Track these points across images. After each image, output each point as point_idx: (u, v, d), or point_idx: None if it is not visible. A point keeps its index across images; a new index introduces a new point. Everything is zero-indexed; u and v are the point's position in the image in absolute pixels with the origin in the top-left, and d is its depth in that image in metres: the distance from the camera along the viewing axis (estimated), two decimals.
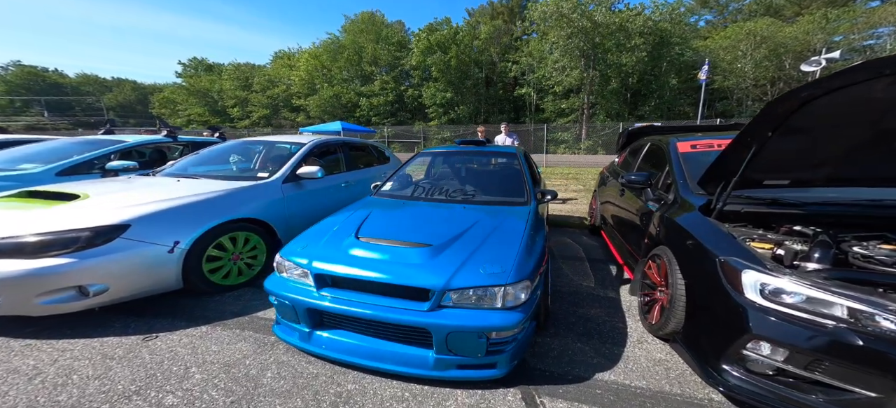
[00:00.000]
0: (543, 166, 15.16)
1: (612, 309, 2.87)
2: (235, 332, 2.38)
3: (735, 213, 2.43)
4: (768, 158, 2.09)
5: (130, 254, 2.46)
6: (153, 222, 2.62)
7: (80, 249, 2.30)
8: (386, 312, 1.92)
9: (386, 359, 1.97)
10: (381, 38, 33.19)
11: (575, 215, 6.24)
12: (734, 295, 1.71)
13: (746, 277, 1.69)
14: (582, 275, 3.58)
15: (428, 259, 2.11)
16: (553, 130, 25.10)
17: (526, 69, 28.62)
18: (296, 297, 2.06)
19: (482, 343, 1.86)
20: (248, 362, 2.04)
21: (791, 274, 1.64)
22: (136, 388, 1.80)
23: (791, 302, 1.58)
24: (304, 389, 1.84)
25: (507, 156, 3.75)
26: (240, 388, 1.82)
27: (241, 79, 41.20)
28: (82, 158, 4.56)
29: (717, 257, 1.88)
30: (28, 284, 2.18)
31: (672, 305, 2.18)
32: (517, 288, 1.98)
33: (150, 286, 2.60)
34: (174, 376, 1.90)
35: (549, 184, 10.11)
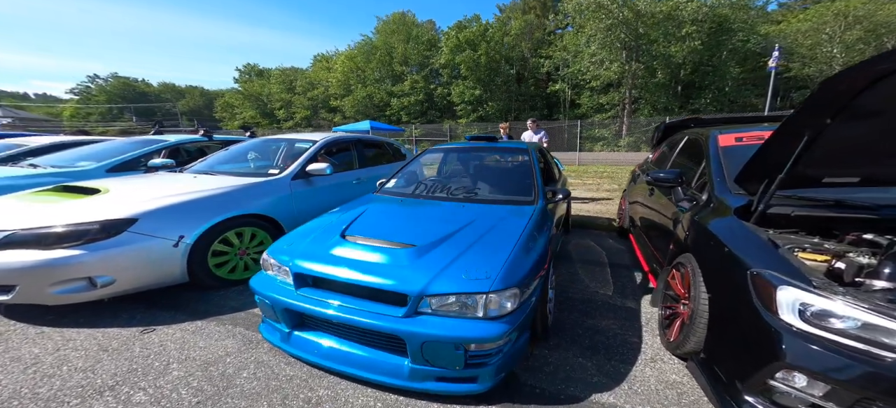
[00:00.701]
0: (576, 165, 14.47)
1: (627, 321, 2.57)
2: (228, 328, 2.39)
3: (783, 217, 2.05)
4: (827, 150, 1.72)
5: (137, 247, 2.56)
6: (160, 217, 2.71)
7: (89, 242, 2.42)
8: (359, 315, 1.80)
9: (361, 365, 1.86)
10: (411, 38, 33.50)
11: (604, 216, 5.82)
12: (766, 315, 1.41)
13: (783, 295, 1.38)
14: (600, 281, 3.27)
15: (410, 261, 1.97)
16: (589, 127, 23.90)
17: (560, 64, 27.51)
18: (275, 296, 2.01)
19: (460, 355, 1.69)
20: (229, 360, 2.02)
21: (846, 294, 1.31)
22: (114, 383, 1.82)
23: (841, 328, 1.26)
24: (275, 392, 1.78)
25: (518, 152, 3.51)
26: (211, 387, 1.80)
27: (286, 82, 43.53)
28: (129, 156, 4.94)
29: (748, 269, 1.56)
30: (42, 274, 2.31)
31: (693, 320, 1.88)
32: (503, 296, 1.79)
33: (155, 279, 2.69)
34: (153, 372, 1.92)
35: (578, 183, 9.60)
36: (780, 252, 1.58)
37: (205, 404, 1.68)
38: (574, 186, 8.89)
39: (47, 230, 2.40)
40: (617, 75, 22.92)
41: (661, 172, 2.88)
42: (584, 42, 24.22)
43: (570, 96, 28.25)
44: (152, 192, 3.01)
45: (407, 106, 32.09)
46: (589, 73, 24.20)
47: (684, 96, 23.92)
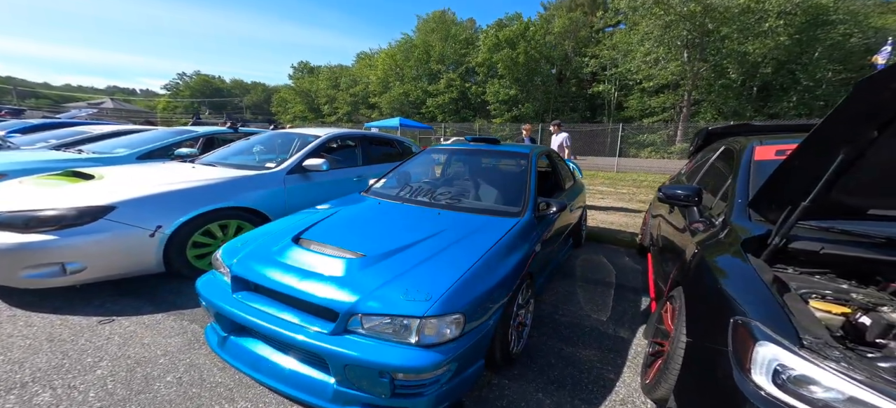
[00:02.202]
0: (613, 171, 13.51)
1: (611, 354, 2.21)
2: (183, 324, 2.34)
3: (809, 254, 1.61)
4: (874, 173, 1.32)
5: (111, 235, 2.56)
6: (139, 206, 2.72)
7: (64, 228, 2.46)
8: (284, 327, 1.64)
9: (287, 380, 1.69)
10: (449, 36, 33.43)
11: (628, 231, 5.24)
12: (736, 373, 1.12)
13: (760, 351, 1.09)
14: (596, 305, 2.88)
15: (352, 273, 1.78)
16: (637, 131, 22.30)
17: (607, 64, 25.92)
18: (211, 298, 1.90)
19: (385, 383, 1.47)
20: (162, 361, 1.95)
21: (842, 359, 0.99)
22: (31, 379, 1.78)
23: (821, 399, 0.96)
24: (189, 400, 1.66)
25: (516, 157, 3.19)
26: (124, 391, 1.71)
27: (332, 79, 45.50)
28: (158, 145, 5.25)
29: (734, 316, 1.24)
30: (14, 257, 2.37)
31: (667, 364, 1.57)
32: (443, 322, 1.54)
33: (127, 268, 2.70)
34: (79, 369, 1.86)
35: (609, 191, 8.90)
36: (786, 298, 1.26)
37: (107, 406, 1.59)
38: (604, 195, 8.23)
39: (27, 214, 2.46)
40: (675, 76, 21.00)
41: (677, 188, 2.43)
42: (637, 40, 22.51)
43: (617, 98, 26.58)
44: (142, 180, 3.08)
45: (441, 104, 32.05)
46: (640, 73, 22.49)
47: (761, 99, 21.31)
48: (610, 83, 26.16)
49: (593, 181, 10.32)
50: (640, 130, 22.45)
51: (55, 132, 6.84)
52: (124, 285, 2.85)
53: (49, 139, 6.26)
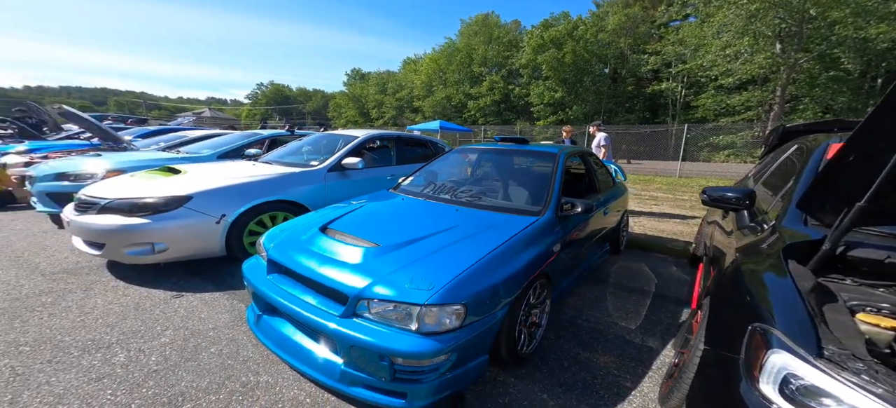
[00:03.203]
0: (676, 176, 12.34)
1: (634, 362, 2.10)
2: (233, 302, 2.69)
3: (873, 264, 1.41)
4: None
5: (188, 221, 3.08)
6: (210, 197, 3.21)
7: (154, 213, 3.01)
8: (302, 307, 1.83)
9: (302, 358, 1.87)
10: (492, 39, 33.01)
11: (681, 239, 4.80)
12: (743, 383, 1.03)
13: (771, 359, 0.99)
14: (627, 313, 2.72)
15: (366, 260, 1.93)
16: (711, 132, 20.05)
17: (671, 60, 23.63)
18: (251, 278, 2.18)
19: (385, 367, 1.58)
20: (211, 334, 2.27)
21: (864, 371, 0.89)
22: (115, 340, 2.16)
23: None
24: (223, 370, 1.93)
25: (543, 157, 3.14)
26: (178, 357, 2.02)
27: (380, 84, 47.41)
28: (233, 146, 6.06)
29: (754, 323, 1.13)
30: (121, 236, 2.95)
31: (682, 373, 1.47)
32: (443, 312, 1.62)
33: (198, 250, 3.18)
34: (149, 335, 2.23)
35: (667, 197, 8.19)
36: (828, 308, 1.14)
37: (160, 371, 1.91)
38: (659, 201, 7.60)
39: (131, 201, 3.05)
40: (763, 70, 18.34)
41: (726, 190, 2.20)
42: (712, 33, 20.16)
43: (684, 97, 24.15)
44: (214, 175, 3.60)
45: (483, 107, 31.74)
46: (716, 69, 20.09)
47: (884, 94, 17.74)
48: (675, 81, 23.81)
49: (648, 187, 9.56)
50: (715, 130, 20.09)
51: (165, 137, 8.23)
52: (194, 267, 3.34)
53: (159, 142, 7.55)
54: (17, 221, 4.83)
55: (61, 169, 4.66)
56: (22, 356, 2.00)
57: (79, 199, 3.27)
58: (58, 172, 4.61)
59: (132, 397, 1.72)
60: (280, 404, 1.71)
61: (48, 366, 1.92)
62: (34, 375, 1.85)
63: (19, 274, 3.13)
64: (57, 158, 5.84)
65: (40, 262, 3.44)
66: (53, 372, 1.88)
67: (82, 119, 6.33)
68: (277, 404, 1.72)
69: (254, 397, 1.75)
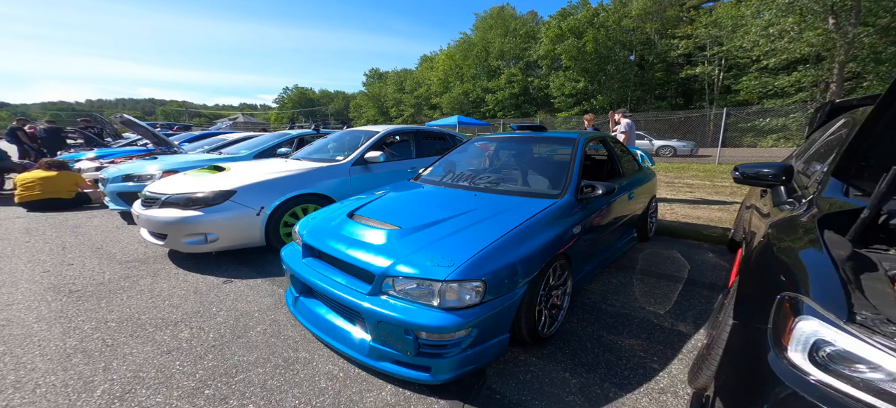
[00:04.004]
0: (714, 163, 11.65)
1: (662, 345, 2.09)
2: (274, 288, 2.93)
3: None
4: None
5: (233, 213, 3.36)
6: (250, 191, 3.49)
7: (206, 206, 3.32)
8: (334, 287, 1.98)
9: (335, 336, 2.02)
10: (508, 32, 32.40)
11: (721, 226, 4.60)
12: (771, 352, 0.98)
13: (799, 326, 0.95)
14: (656, 298, 2.69)
15: (390, 241, 2.06)
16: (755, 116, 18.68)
17: (706, 43, 22.16)
18: (289, 262, 2.37)
19: (410, 341, 1.69)
20: (257, 315, 2.49)
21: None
22: (181, 318, 2.43)
23: (865, 377, 0.82)
24: (267, 347, 2.12)
25: (562, 143, 3.14)
26: (231, 334, 2.25)
27: (398, 83, 47.87)
28: (267, 145, 6.49)
29: (782, 292, 1.10)
30: (180, 227, 3.28)
31: (711, 350, 1.45)
32: (463, 288, 1.71)
33: (243, 240, 3.47)
34: (208, 315, 2.49)
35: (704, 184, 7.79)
36: (866, 277, 1.08)
37: (217, 346, 2.14)
38: (694, 188, 7.25)
39: (186, 195, 3.39)
40: (814, 47, 16.79)
41: (762, 166, 2.10)
42: (751, 12, 18.70)
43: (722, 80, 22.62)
44: (253, 172, 3.89)
45: (501, 100, 31.30)
46: (758, 49, 18.63)
47: None
48: (711, 64, 22.33)
49: (682, 175, 9.11)
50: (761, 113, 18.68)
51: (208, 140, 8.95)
52: (241, 256, 3.65)
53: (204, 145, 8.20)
54: (94, 219, 5.41)
55: (127, 171, 5.21)
56: (110, 331, 2.32)
57: (144, 195, 3.67)
58: (124, 174, 5.16)
59: (196, 368, 1.94)
60: (316, 378, 1.87)
61: (130, 340, 2.21)
62: (120, 346, 2.14)
63: (101, 263, 3.56)
64: (122, 162, 6.50)
65: (116, 252, 3.88)
66: (134, 345, 2.16)
67: (140, 126, 6.98)
68: (314, 377, 1.88)
69: (294, 371, 1.93)
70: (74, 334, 2.27)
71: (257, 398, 1.73)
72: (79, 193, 6.30)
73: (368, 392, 1.77)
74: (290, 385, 1.82)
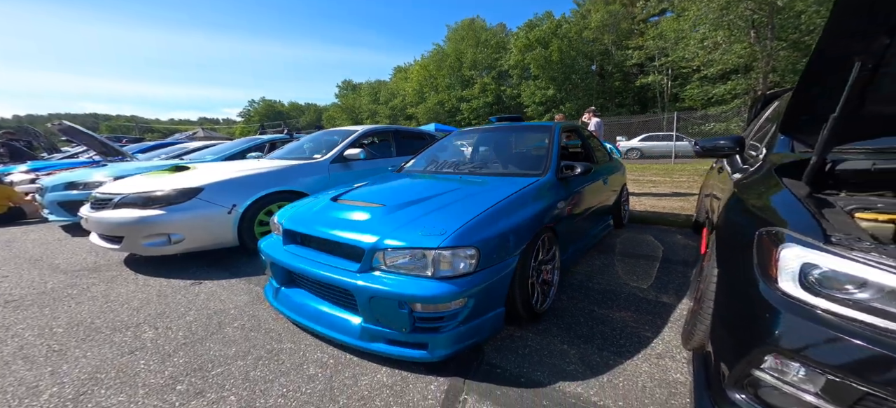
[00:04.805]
0: (671, 164, 12.49)
1: (651, 315, 2.14)
2: (250, 286, 2.73)
3: (862, 174, 1.49)
4: None
5: (201, 212, 3.12)
6: (220, 188, 3.26)
7: (169, 205, 3.06)
8: (321, 269, 1.87)
9: (323, 321, 1.92)
10: (480, 43, 33.33)
11: (684, 212, 4.91)
12: (762, 285, 1.01)
13: (785, 255, 0.98)
14: (637, 275, 2.78)
15: (376, 218, 2.00)
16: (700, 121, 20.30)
17: (655, 54, 24.05)
18: (268, 251, 2.23)
19: (404, 315, 1.62)
20: (233, 312, 2.31)
21: (872, 249, 0.89)
22: (142, 320, 2.22)
23: (859, 298, 0.86)
24: (245, 341, 1.96)
25: (540, 130, 3.23)
26: (203, 331, 2.06)
27: (372, 94, 47.70)
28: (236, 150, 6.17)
29: (759, 229, 1.15)
30: (138, 228, 2.99)
31: (701, 304, 1.49)
32: (457, 255, 1.66)
33: (212, 240, 3.22)
34: (175, 315, 2.28)
35: (664, 180, 8.30)
36: (827, 211, 1.15)
37: (189, 343, 1.95)
38: (657, 184, 7.70)
39: (144, 194, 3.11)
40: (742, 59, 18.79)
41: (718, 139, 2.27)
42: (688, 26, 20.67)
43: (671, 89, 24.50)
44: (223, 169, 3.65)
45: (476, 109, 31.99)
46: (697, 60, 20.56)
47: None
48: (660, 73, 24.20)
49: (645, 173, 9.68)
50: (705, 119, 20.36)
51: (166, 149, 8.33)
52: (211, 258, 3.39)
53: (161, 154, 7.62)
54: (32, 233, 4.85)
55: (71, 179, 4.71)
56: (56, 337, 2.05)
57: (94, 197, 3.33)
58: (67, 182, 4.66)
59: (165, 365, 1.75)
60: (305, 366, 1.74)
61: (83, 344, 1.97)
62: (70, 350, 1.90)
63: (42, 273, 3.17)
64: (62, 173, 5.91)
65: (60, 263, 3.48)
66: (88, 348, 1.92)
67: (83, 133, 6.37)
68: (302, 365, 1.75)
69: (279, 361, 1.79)
70: (12, 342, 2.00)
71: (239, 390, 1.58)
72: (11, 208, 5.64)
73: (363, 376, 1.67)
74: (276, 375, 1.68)
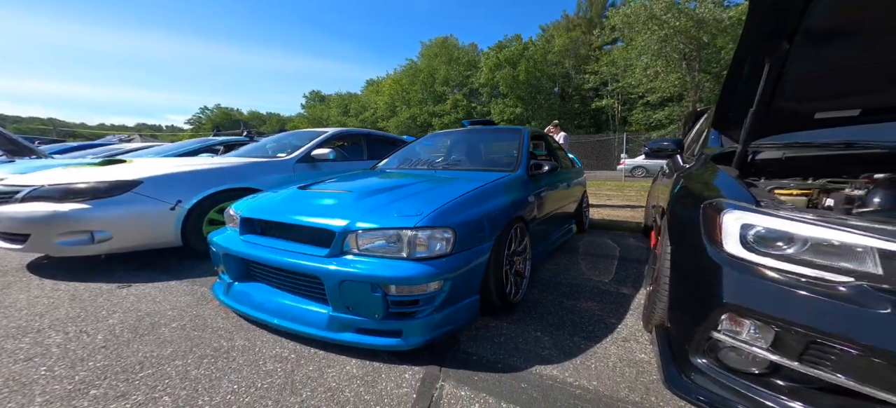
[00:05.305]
0: (622, 181, 13.44)
1: (614, 305, 2.21)
2: (194, 288, 2.43)
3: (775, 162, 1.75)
4: (806, 79, 1.42)
5: (138, 208, 2.75)
6: (163, 182, 2.91)
7: (96, 198, 2.66)
8: (285, 256, 1.73)
9: (284, 315, 1.76)
10: (452, 60, 34.33)
11: (635, 220, 5.27)
12: (710, 250, 1.12)
13: (726, 219, 1.11)
14: (599, 271, 2.89)
15: (351, 202, 1.93)
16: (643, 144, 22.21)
17: (608, 79, 26.28)
18: (220, 242, 2.02)
19: (378, 299, 1.52)
20: (170, 313, 2.04)
21: (793, 208, 1.06)
22: (50, 324, 1.91)
23: (788, 252, 0.98)
24: (188, 340, 1.73)
25: (511, 133, 3.32)
26: (130, 333, 1.79)
27: (342, 106, 47.05)
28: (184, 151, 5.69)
29: (702, 203, 1.28)
30: (52, 225, 2.57)
31: (658, 283, 1.56)
32: (433, 237, 1.61)
33: (150, 240, 2.85)
34: (93, 319, 1.96)
35: (617, 195, 8.87)
36: (752, 190, 1.29)
37: (111, 346, 1.68)
38: (611, 197, 8.23)
39: (64, 186, 2.68)
40: (677, 88, 21.15)
41: (663, 141, 2.64)
42: (635, 55, 22.94)
43: (621, 112, 26.71)
44: (168, 163, 3.31)
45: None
46: (642, 87, 22.73)
47: None
48: (612, 98, 26.38)
49: (600, 188, 10.31)
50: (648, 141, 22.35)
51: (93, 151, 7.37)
52: (145, 260, 3.01)
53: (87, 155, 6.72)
54: None
55: None
56: None
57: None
58: None
59: (75, 370, 1.48)
60: (260, 362, 1.56)
61: None
62: None
63: None
64: None
65: None
66: None
67: None
68: (257, 361, 1.57)
69: (229, 358, 1.59)
70: None
71: (176, 389, 1.37)
72: None
73: (329, 368, 1.53)
74: (225, 372, 1.49)
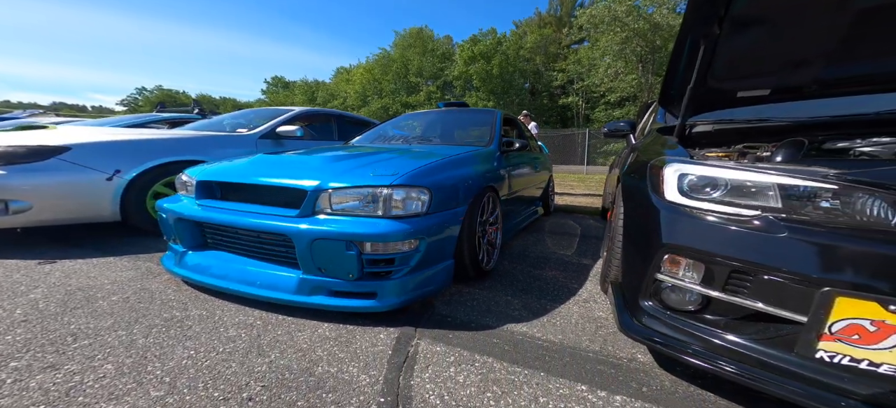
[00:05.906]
0: (584, 173, 14.11)
1: (575, 273, 2.33)
2: (137, 263, 2.21)
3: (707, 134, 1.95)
4: (731, 62, 1.62)
5: (64, 176, 2.44)
6: (96, 150, 2.60)
7: (11, 164, 2.33)
8: (252, 218, 1.62)
9: (249, 281, 1.66)
10: (427, 51, 33.88)
11: (594, 205, 5.60)
12: (654, 199, 1.26)
13: (667, 172, 1.25)
14: (563, 246, 3.01)
15: (323, 165, 1.84)
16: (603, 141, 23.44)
17: (574, 78, 27.31)
18: (174, 208, 1.85)
19: (352, 258, 1.46)
20: (109, 286, 1.84)
21: (719, 161, 1.27)
22: None
23: (715, 196, 1.13)
24: (132, 312, 1.57)
25: (484, 113, 3.34)
26: (58, 307, 1.59)
27: (309, 94, 44.68)
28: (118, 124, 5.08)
29: (648, 162, 1.42)
30: None
31: (613, 243, 1.67)
32: (409, 196, 1.59)
33: (80, 212, 2.55)
34: (10, 294, 1.72)
35: (581, 186, 9.29)
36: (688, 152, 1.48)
37: (33, 321, 1.48)
38: (575, 188, 8.63)
39: None
40: (633, 88, 22.45)
41: (619, 122, 2.86)
42: (598, 55, 23.99)
43: (584, 110, 27.88)
44: (101, 131, 2.96)
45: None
46: (603, 86, 23.86)
47: None
48: (577, 96, 27.46)
49: (565, 180, 10.76)
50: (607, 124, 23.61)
51: None
52: (71, 236, 2.70)
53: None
54: None
55: None
56: None
57: None
58: None
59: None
60: (222, 329, 1.45)
61: None
62: None
63: None
64: None
65: None
66: None
67: None
68: (217, 329, 1.45)
69: (183, 327, 1.46)
70: None
71: (120, 357, 1.24)
72: None
73: (300, 332, 1.45)
74: (179, 340, 1.37)
